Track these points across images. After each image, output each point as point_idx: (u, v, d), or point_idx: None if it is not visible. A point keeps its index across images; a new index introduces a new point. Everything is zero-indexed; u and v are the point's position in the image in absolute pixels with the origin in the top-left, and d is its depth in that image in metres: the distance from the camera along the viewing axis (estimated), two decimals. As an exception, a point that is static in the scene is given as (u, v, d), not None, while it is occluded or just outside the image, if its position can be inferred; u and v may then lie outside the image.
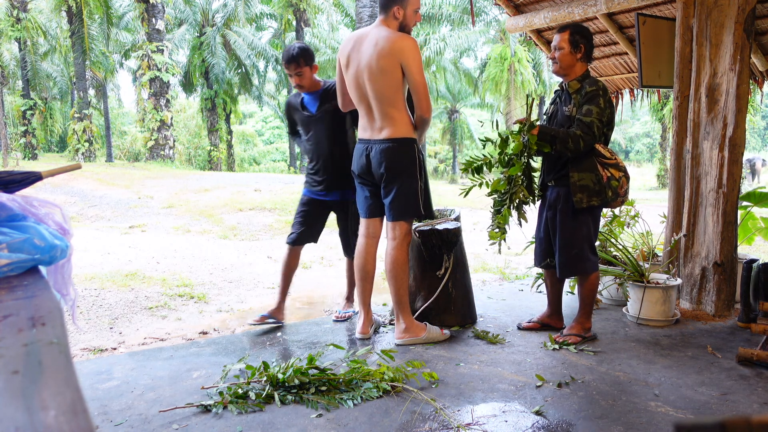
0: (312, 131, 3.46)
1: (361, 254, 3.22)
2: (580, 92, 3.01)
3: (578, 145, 2.91)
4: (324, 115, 3.41)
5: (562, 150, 2.95)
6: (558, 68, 3.09)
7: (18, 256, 1.05)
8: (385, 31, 2.94)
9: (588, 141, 2.92)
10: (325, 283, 5.22)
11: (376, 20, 3.06)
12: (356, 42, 3.02)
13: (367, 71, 2.94)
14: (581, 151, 2.93)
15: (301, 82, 3.35)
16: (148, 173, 15.50)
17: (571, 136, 2.91)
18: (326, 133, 3.43)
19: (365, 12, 11.45)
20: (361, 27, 10.38)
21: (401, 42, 2.89)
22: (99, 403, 2.37)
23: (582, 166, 2.98)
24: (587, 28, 3.11)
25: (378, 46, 2.89)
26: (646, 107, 11.86)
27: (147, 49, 19.61)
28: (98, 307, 4.31)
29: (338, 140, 3.45)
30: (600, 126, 2.93)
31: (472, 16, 12.76)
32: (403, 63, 2.89)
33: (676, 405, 2.35)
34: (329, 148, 3.43)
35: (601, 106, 2.93)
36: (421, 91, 2.93)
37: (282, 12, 23.90)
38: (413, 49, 2.91)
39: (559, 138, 2.92)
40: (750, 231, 4.22)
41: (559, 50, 3.06)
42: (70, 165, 1.60)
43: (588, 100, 2.95)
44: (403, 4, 2.96)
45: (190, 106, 31.50)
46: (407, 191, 3.02)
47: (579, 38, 3.02)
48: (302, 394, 2.40)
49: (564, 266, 3.11)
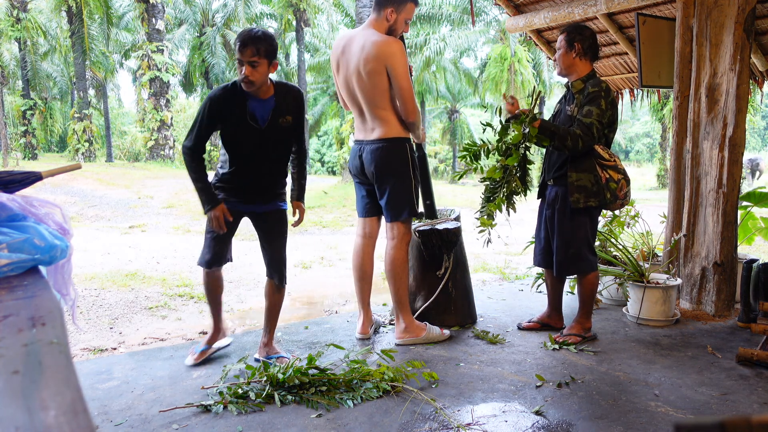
0: (251, 147, 2.69)
1: (358, 254, 3.23)
2: (582, 92, 3.01)
3: (576, 144, 2.90)
4: (273, 131, 2.68)
5: (560, 147, 2.95)
6: (558, 69, 3.13)
7: (18, 256, 1.05)
8: (372, 34, 2.92)
9: (586, 142, 2.91)
10: (325, 283, 5.22)
11: (367, 20, 3.06)
12: (345, 45, 3.02)
13: (355, 75, 2.95)
14: (579, 150, 2.93)
15: (252, 77, 2.53)
16: (148, 173, 15.50)
17: (571, 134, 2.91)
18: (270, 153, 2.73)
19: (365, 12, 11.45)
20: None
21: (387, 47, 2.87)
22: (99, 403, 2.37)
23: (580, 166, 2.98)
24: (586, 27, 3.10)
25: (365, 51, 2.89)
26: (646, 107, 11.86)
27: (147, 49, 19.62)
28: (98, 307, 4.31)
29: (281, 161, 2.81)
30: (600, 128, 2.93)
31: (472, 16, 12.78)
32: (388, 67, 2.88)
33: (676, 405, 2.35)
34: (268, 169, 2.76)
35: (602, 107, 2.93)
36: (406, 95, 2.92)
37: (282, 12, 23.89)
38: (399, 53, 2.89)
39: (559, 134, 2.92)
40: (750, 231, 4.22)
41: (557, 51, 3.10)
42: (70, 165, 1.60)
43: (590, 100, 2.95)
44: (398, 9, 2.95)
45: (190, 106, 31.51)
46: (400, 191, 3.02)
47: (574, 36, 3.03)
48: (302, 394, 2.40)
49: (562, 265, 3.12)
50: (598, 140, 2.96)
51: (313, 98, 28.78)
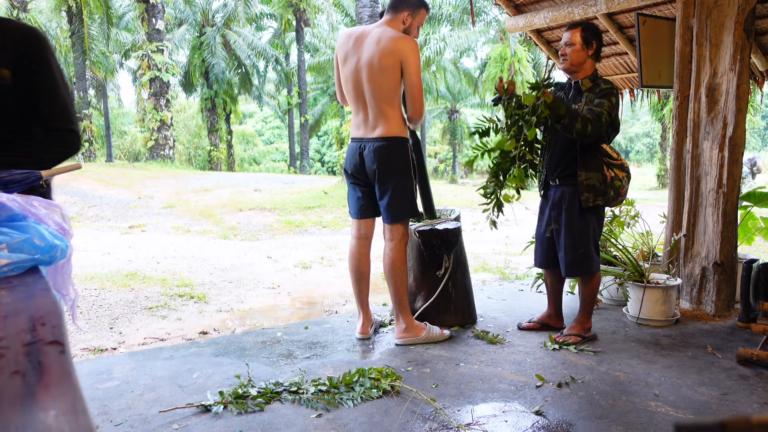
0: None
1: (354, 256, 3.23)
2: (593, 90, 3.00)
3: (586, 128, 2.83)
4: None
5: (569, 127, 2.83)
6: (568, 65, 3.05)
7: (18, 256, 1.05)
8: (390, 30, 2.95)
9: (595, 128, 2.84)
10: (325, 283, 5.22)
11: (381, 20, 3.07)
12: (356, 39, 3.02)
13: (366, 68, 2.94)
14: (586, 136, 2.85)
15: None
16: (148, 173, 15.50)
17: (582, 116, 2.84)
18: None
19: (365, 12, 11.44)
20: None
21: (404, 42, 2.92)
22: (99, 403, 2.37)
23: (590, 165, 2.98)
24: (598, 26, 3.11)
25: (381, 44, 2.91)
26: (646, 107, 11.86)
27: (147, 49, 19.62)
28: (98, 307, 4.30)
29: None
30: (608, 120, 2.90)
31: (472, 16, 12.76)
32: (403, 63, 2.90)
33: (676, 405, 2.35)
34: None
35: (612, 102, 2.93)
36: (416, 93, 2.94)
37: (282, 12, 23.91)
38: (414, 50, 2.93)
39: (571, 113, 2.83)
40: (750, 231, 4.22)
41: (570, 46, 3.02)
42: (70, 165, 1.60)
43: (603, 95, 2.94)
44: (414, 14, 3.00)
45: (190, 106, 31.50)
46: (402, 192, 3.02)
47: (591, 35, 3.02)
48: (302, 394, 2.40)
49: (571, 266, 3.09)
50: (603, 135, 2.95)
51: (313, 98, 28.77)
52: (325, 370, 2.71)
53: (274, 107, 30.05)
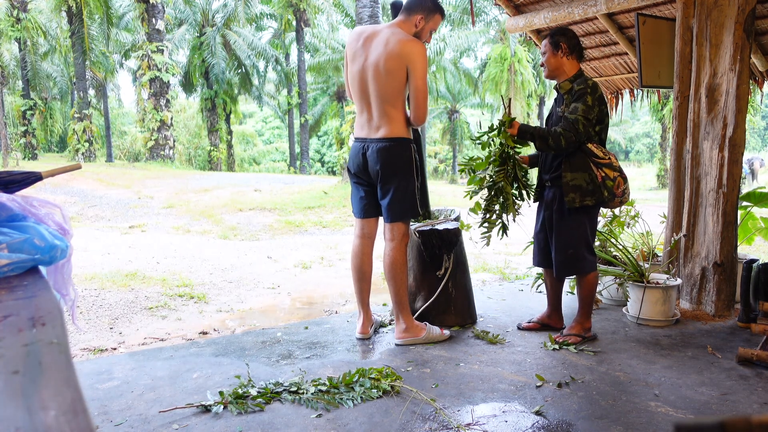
0: None
1: (357, 255, 3.22)
2: (570, 92, 3.03)
3: (559, 142, 2.91)
4: None
5: (544, 148, 2.98)
6: (547, 72, 3.13)
7: (18, 256, 1.05)
8: (399, 32, 2.93)
9: (570, 138, 2.90)
10: (325, 283, 5.22)
11: (394, 20, 3.05)
12: (366, 38, 3.00)
13: (372, 69, 2.93)
14: (564, 148, 2.94)
15: None
16: (148, 173, 15.50)
17: (552, 134, 2.92)
18: None
19: (365, 12, 11.45)
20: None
21: (412, 46, 2.89)
22: (99, 403, 2.37)
23: (575, 166, 2.99)
24: (568, 28, 3.13)
25: (388, 46, 2.89)
26: (646, 107, 11.86)
27: (147, 49, 19.63)
28: (98, 307, 4.31)
29: None
30: (586, 123, 2.92)
31: (472, 16, 12.78)
32: (409, 66, 2.89)
33: (676, 405, 2.35)
34: None
35: (588, 103, 2.94)
36: (421, 98, 2.93)
37: (282, 12, 23.92)
38: (422, 55, 2.91)
39: (539, 136, 2.96)
40: (750, 231, 4.22)
41: (543, 55, 3.12)
42: (70, 165, 1.60)
43: (576, 98, 2.97)
44: (428, 18, 2.99)
45: (190, 106, 31.51)
46: (404, 192, 3.02)
47: (558, 38, 3.05)
48: (302, 394, 2.40)
49: (561, 266, 3.12)
50: (587, 137, 2.96)
51: (313, 98, 28.78)
52: (325, 370, 2.71)
53: (274, 107, 30.06)
